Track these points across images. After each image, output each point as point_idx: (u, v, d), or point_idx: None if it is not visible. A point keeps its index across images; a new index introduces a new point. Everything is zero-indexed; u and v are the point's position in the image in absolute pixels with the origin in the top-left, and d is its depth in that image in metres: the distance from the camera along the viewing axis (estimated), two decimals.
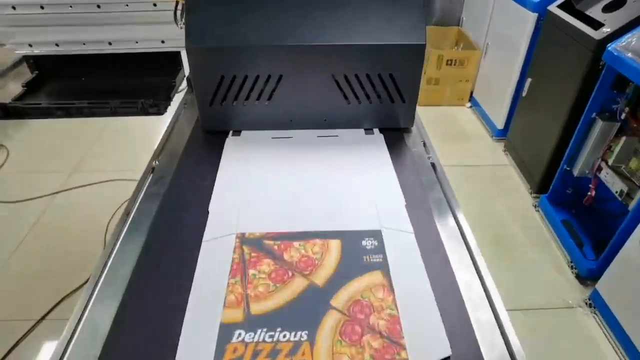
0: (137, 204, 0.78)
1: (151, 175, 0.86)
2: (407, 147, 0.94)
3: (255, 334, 0.55)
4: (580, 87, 1.82)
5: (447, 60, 2.80)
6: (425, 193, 0.80)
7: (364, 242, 0.68)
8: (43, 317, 1.61)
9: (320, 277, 0.63)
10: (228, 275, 0.63)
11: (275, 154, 0.90)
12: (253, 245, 0.68)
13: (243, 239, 0.69)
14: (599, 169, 1.79)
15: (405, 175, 0.83)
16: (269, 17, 0.85)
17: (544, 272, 1.84)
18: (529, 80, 2.21)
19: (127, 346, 0.55)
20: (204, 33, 0.84)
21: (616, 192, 1.68)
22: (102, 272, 0.67)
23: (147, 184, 0.83)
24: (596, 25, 1.76)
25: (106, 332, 0.57)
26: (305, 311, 0.58)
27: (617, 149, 1.68)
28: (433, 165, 0.88)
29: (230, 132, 0.97)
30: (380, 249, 0.67)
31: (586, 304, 1.69)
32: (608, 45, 1.62)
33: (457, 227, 0.73)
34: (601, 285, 1.62)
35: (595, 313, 1.65)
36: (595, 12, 1.83)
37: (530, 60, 2.24)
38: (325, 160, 0.88)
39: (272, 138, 0.95)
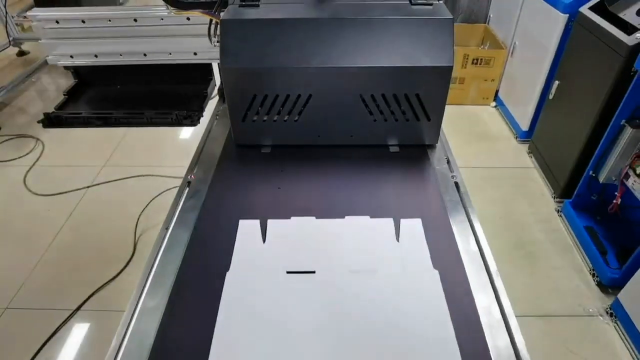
0: (175, 217, 0.83)
1: (187, 188, 0.91)
2: (430, 164, 0.96)
3: None
4: (610, 92, 1.78)
5: (473, 59, 2.77)
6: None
7: None
8: (78, 308, 1.71)
9: None
10: None
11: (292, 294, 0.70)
12: None
13: None
14: (626, 176, 1.77)
15: (428, 200, 0.85)
16: (299, 40, 0.88)
17: (565, 278, 1.84)
18: (557, 82, 2.17)
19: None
20: (238, 54, 0.88)
21: None
22: (145, 282, 0.72)
23: (183, 198, 0.88)
24: (630, 29, 1.72)
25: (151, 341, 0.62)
26: None
27: None
28: (457, 184, 0.91)
29: (261, 148, 1.01)
30: None
31: (607, 312, 1.69)
32: None
33: (478, 251, 0.76)
34: (623, 295, 1.62)
35: (616, 322, 1.65)
36: (629, 15, 1.79)
37: (558, 62, 2.20)
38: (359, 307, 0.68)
39: (287, 273, 0.73)
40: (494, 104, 2.97)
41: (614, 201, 1.83)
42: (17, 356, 1.54)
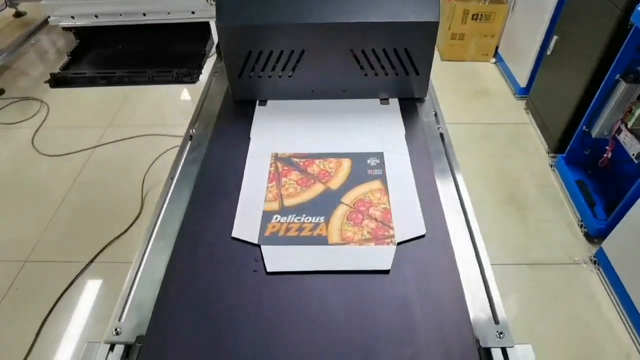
0: (179, 168, 0.90)
1: (189, 142, 0.97)
2: (418, 116, 1.02)
3: (287, 217, 0.79)
4: (606, 47, 1.79)
5: (473, 15, 2.74)
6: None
7: (369, 160, 0.89)
8: (92, 260, 1.82)
9: (335, 184, 0.85)
10: (267, 181, 0.85)
11: (300, 113, 1.05)
12: (284, 162, 0.90)
13: (277, 157, 0.91)
14: (618, 131, 1.81)
15: (414, 143, 0.92)
16: None
17: (554, 230, 1.92)
18: (555, 38, 2.17)
19: (180, 287, 0.69)
20: (234, 12, 0.92)
21: (633, 154, 1.71)
22: (156, 221, 0.80)
23: (186, 151, 0.94)
24: None
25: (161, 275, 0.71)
26: (323, 205, 0.81)
27: (638, 112, 1.69)
28: (442, 135, 0.96)
29: (257, 102, 1.07)
30: (381, 165, 0.88)
31: (591, 260, 1.78)
32: (638, 5, 1.58)
33: (457, 197, 0.83)
34: (607, 244, 1.70)
35: (598, 270, 1.74)
36: None
37: (557, 18, 2.18)
38: (343, 115, 1.04)
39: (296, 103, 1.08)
40: (493, 60, 2.96)
41: (605, 155, 1.88)
42: (41, 303, 1.66)
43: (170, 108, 2.67)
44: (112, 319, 0.67)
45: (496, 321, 0.65)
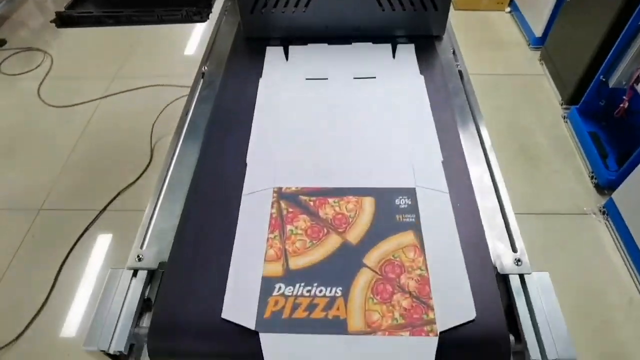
0: (193, 105, 0.89)
1: (202, 79, 0.95)
2: (437, 54, 0.99)
3: (294, 287, 0.60)
4: None
5: None
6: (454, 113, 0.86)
7: (397, 201, 0.69)
8: (104, 209, 1.85)
9: (354, 235, 0.65)
10: (267, 230, 0.67)
11: (310, 98, 0.89)
12: (290, 200, 0.70)
13: (280, 194, 0.71)
14: (637, 80, 1.76)
15: (434, 86, 0.89)
16: None
17: (564, 181, 1.91)
18: None
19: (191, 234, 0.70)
20: None
21: None
22: (170, 162, 0.80)
23: (199, 88, 0.93)
24: None
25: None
26: (340, 268, 0.62)
27: None
28: (460, 72, 0.94)
29: (268, 48, 1.04)
30: (414, 208, 0.68)
31: (600, 211, 1.79)
32: None
33: (476, 133, 0.82)
34: (617, 194, 1.70)
35: (607, 220, 1.75)
36: None
37: None
38: (361, 108, 0.87)
39: (307, 79, 0.94)
40: (508, 9, 2.85)
41: (621, 105, 1.84)
42: (57, 249, 1.70)
43: (177, 55, 2.62)
44: (134, 247, 0.68)
45: (514, 249, 0.66)
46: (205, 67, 0.97)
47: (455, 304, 0.58)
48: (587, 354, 1.40)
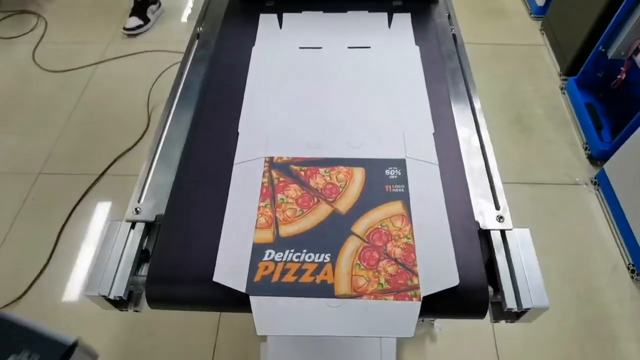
0: (188, 65, 0.90)
1: (197, 40, 0.95)
2: (433, 21, 0.99)
3: (283, 254, 0.62)
4: None
5: None
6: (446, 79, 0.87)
7: (387, 172, 0.70)
8: (103, 172, 1.87)
9: (344, 205, 0.67)
10: (259, 198, 0.68)
11: (303, 68, 0.90)
12: (281, 170, 0.72)
13: (272, 163, 0.73)
14: (636, 51, 1.75)
15: (429, 56, 0.90)
16: None
17: (558, 151, 1.93)
18: None
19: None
20: None
21: None
22: (166, 122, 0.82)
23: (194, 49, 0.93)
24: None
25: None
26: (329, 236, 0.64)
27: None
28: (454, 36, 0.94)
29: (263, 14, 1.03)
30: (403, 179, 0.69)
31: (592, 182, 1.82)
32: None
33: (467, 96, 0.83)
34: (609, 165, 1.72)
35: (598, 190, 1.78)
36: None
37: None
38: (355, 78, 0.87)
39: (300, 48, 0.94)
40: None
41: (619, 76, 1.84)
42: (57, 212, 1.74)
43: (175, 20, 2.59)
44: (131, 200, 0.71)
45: (497, 206, 0.68)
46: (200, 28, 0.97)
47: (440, 270, 0.60)
48: (572, 316, 1.46)
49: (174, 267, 0.62)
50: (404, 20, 0.98)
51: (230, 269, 0.61)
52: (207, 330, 1.44)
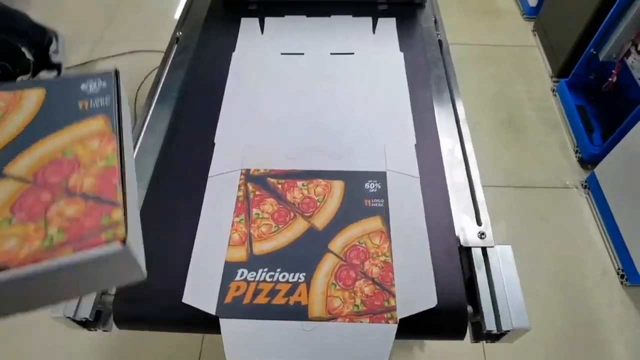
0: (166, 70, 0.87)
1: (176, 45, 0.92)
2: (419, 26, 0.96)
3: (257, 273, 0.60)
4: None
5: None
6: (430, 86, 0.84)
7: (367, 185, 0.68)
8: None
9: (321, 220, 0.65)
10: (233, 213, 0.66)
11: (284, 75, 0.87)
12: (257, 183, 0.69)
13: (248, 176, 0.70)
14: (627, 54, 1.74)
15: (413, 64, 0.88)
16: None
17: (548, 154, 1.92)
18: None
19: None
20: None
21: (639, 78, 1.67)
22: (141, 130, 0.79)
23: (172, 54, 0.91)
24: None
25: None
26: (305, 253, 0.62)
27: None
28: (440, 42, 0.92)
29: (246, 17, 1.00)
30: (383, 192, 0.68)
31: (582, 185, 1.80)
32: None
33: (451, 105, 0.81)
34: (599, 168, 1.71)
35: (588, 194, 1.77)
36: None
37: None
38: (337, 86, 0.84)
39: (282, 54, 0.91)
40: None
41: (610, 79, 1.82)
42: None
43: (163, 20, 2.55)
44: None
45: (479, 222, 0.66)
46: (180, 32, 0.94)
47: (418, 291, 0.58)
48: (561, 320, 1.45)
49: (142, 287, 0.60)
50: (388, 26, 0.96)
51: (200, 289, 0.59)
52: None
